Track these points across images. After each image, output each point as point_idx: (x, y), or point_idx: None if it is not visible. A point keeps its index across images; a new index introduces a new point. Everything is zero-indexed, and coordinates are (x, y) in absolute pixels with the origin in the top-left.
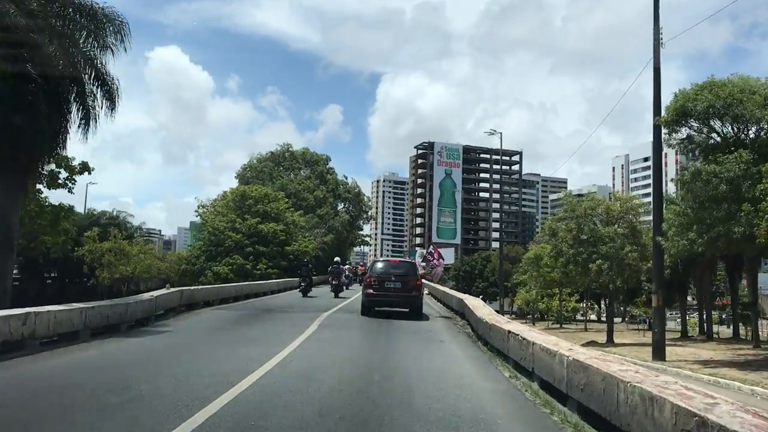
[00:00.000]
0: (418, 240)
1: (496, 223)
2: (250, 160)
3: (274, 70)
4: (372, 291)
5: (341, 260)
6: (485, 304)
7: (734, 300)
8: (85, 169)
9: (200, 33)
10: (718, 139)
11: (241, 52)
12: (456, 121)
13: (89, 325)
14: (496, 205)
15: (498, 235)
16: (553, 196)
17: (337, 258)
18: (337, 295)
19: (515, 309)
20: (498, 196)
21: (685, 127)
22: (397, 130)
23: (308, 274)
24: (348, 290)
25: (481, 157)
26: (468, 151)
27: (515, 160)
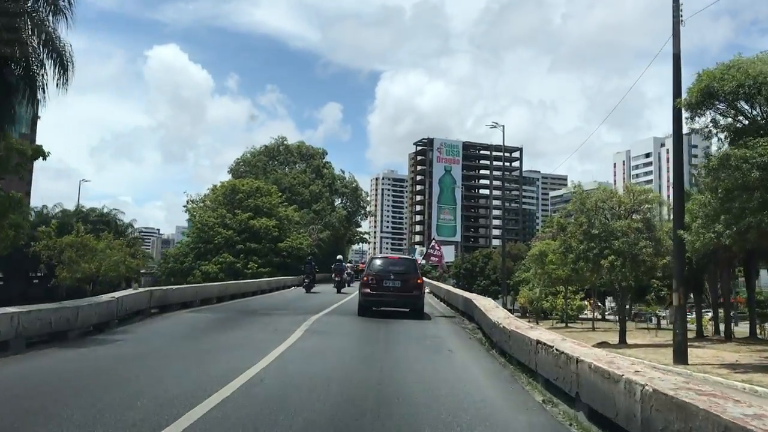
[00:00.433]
0: (417, 238)
1: (496, 221)
2: (244, 155)
3: (274, 68)
4: (369, 290)
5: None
6: (498, 305)
7: (751, 297)
8: (39, 154)
9: (198, 32)
10: (746, 122)
11: (239, 50)
12: (455, 119)
13: (24, 334)
14: (496, 202)
15: (498, 233)
16: (553, 193)
17: (340, 256)
18: (339, 291)
19: (517, 307)
20: (500, 192)
21: (710, 109)
22: (397, 128)
23: (312, 271)
24: (350, 287)
25: (481, 153)
26: (468, 147)
27: (515, 156)
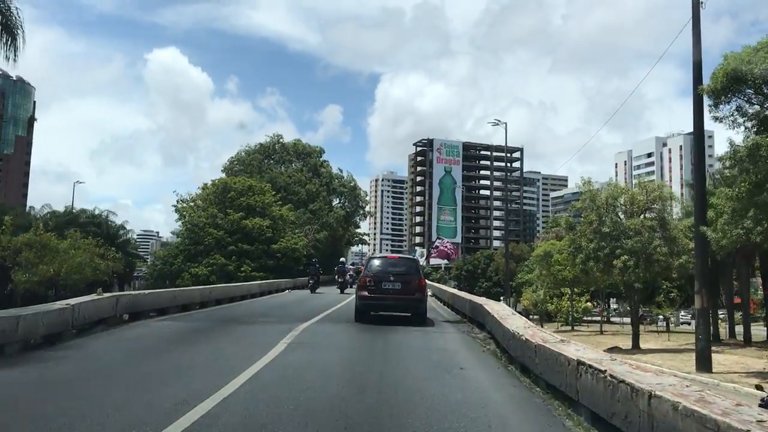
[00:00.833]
0: (417, 239)
1: (497, 222)
2: (238, 153)
3: (273, 70)
4: (367, 293)
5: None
6: (514, 312)
7: None
8: None
9: (198, 35)
10: None
11: (239, 53)
12: (455, 121)
13: None
14: (497, 203)
15: (499, 234)
16: (554, 194)
17: (342, 259)
18: (342, 291)
19: (520, 309)
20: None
21: (736, 95)
22: (397, 130)
23: (316, 272)
24: (352, 288)
25: (482, 153)
26: (468, 147)
27: (516, 156)
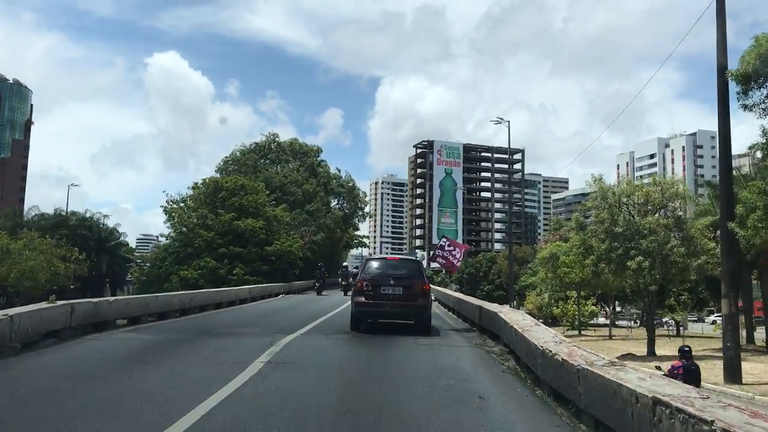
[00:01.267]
0: (418, 242)
1: (498, 224)
2: (233, 153)
3: (274, 74)
4: (364, 299)
5: (339, 264)
6: (538, 322)
7: None
8: None
9: (197, 39)
10: None
11: (239, 57)
12: (456, 124)
13: None
14: (498, 205)
15: (500, 236)
16: (555, 196)
17: (346, 263)
18: (346, 294)
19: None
20: (504, 195)
21: None
22: (398, 133)
23: (322, 276)
24: None
25: (482, 155)
26: (469, 149)
27: (517, 158)
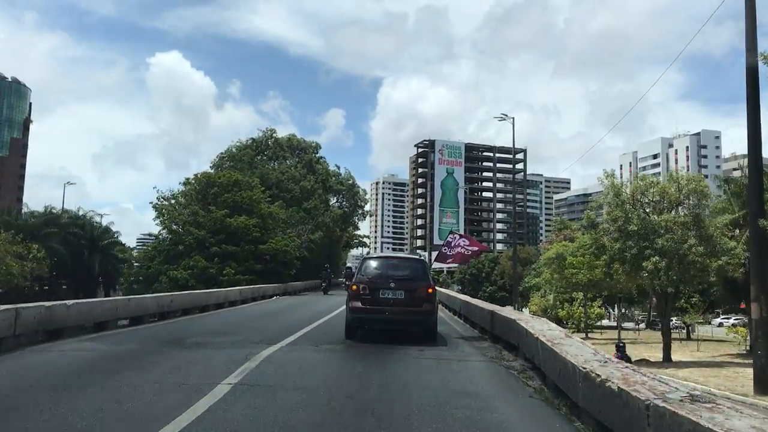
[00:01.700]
0: (419, 242)
1: (500, 224)
2: (229, 149)
3: (276, 75)
4: (361, 304)
5: (338, 264)
6: (570, 333)
7: None
8: None
9: (199, 39)
10: None
11: (241, 57)
12: (458, 124)
13: None
14: (500, 205)
15: (502, 237)
16: (557, 197)
17: (350, 264)
18: None
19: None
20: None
21: None
22: (399, 133)
23: (328, 276)
24: None
25: (484, 155)
26: (470, 149)
27: (519, 158)
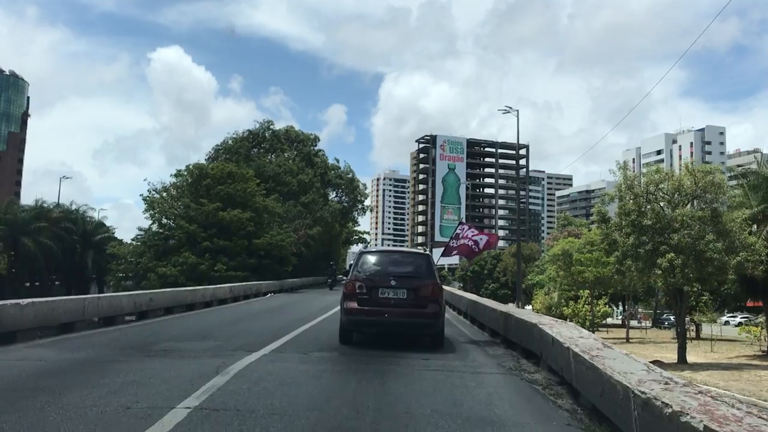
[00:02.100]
0: (420, 239)
1: (501, 221)
2: (225, 141)
3: (277, 70)
4: (357, 305)
5: (338, 260)
6: (606, 343)
7: None
8: None
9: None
10: None
11: (242, 52)
12: (459, 120)
13: None
14: (501, 202)
15: (503, 233)
16: (559, 193)
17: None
18: None
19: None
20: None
21: None
22: (401, 130)
23: (333, 273)
24: None
25: (486, 150)
26: (472, 144)
27: (522, 154)
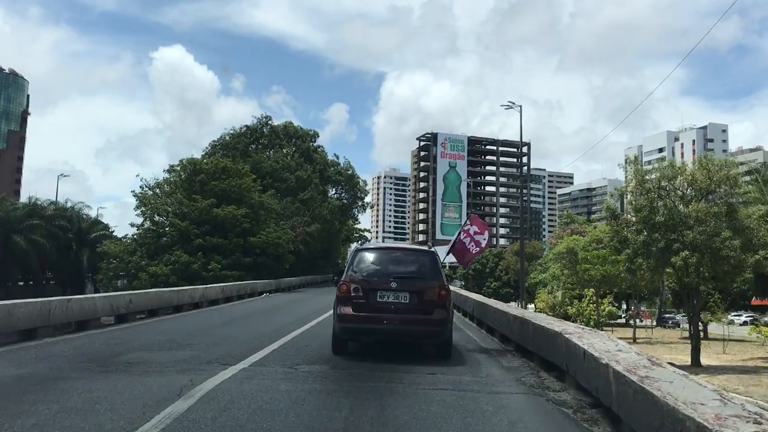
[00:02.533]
0: (420, 237)
1: (503, 219)
2: (222, 136)
3: (278, 69)
4: (351, 310)
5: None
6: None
7: None
8: None
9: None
10: None
11: (244, 52)
12: (461, 119)
13: None
14: (503, 200)
15: (505, 231)
16: (560, 191)
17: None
18: None
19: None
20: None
21: None
22: (402, 128)
23: (339, 271)
24: None
25: (487, 149)
26: (473, 142)
27: (523, 151)
